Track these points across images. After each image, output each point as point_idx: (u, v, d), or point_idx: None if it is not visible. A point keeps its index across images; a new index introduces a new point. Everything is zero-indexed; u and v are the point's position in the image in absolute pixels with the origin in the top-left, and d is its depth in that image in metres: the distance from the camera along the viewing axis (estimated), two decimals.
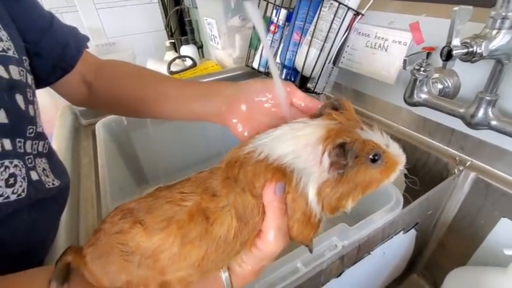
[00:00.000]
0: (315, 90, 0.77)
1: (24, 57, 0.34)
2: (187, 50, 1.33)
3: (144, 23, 1.73)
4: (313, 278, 0.39)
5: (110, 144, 0.74)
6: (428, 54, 0.53)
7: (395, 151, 0.27)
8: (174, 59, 1.12)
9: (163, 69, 1.17)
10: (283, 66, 0.83)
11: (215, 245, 0.25)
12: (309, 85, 0.80)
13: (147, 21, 1.73)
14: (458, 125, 0.58)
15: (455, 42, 0.40)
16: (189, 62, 1.18)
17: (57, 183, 0.36)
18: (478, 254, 0.61)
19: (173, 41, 1.36)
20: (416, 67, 0.52)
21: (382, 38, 0.66)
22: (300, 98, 0.37)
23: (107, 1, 1.59)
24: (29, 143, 0.32)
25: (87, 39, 0.47)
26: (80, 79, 0.46)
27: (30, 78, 0.34)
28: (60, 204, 0.39)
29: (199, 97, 0.43)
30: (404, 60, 0.51)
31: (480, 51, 0.39)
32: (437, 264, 0.72)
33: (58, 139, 0.67)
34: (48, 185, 0.34)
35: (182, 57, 1.17)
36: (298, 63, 0.77)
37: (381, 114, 0.75)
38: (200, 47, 1.55)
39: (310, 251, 0.33)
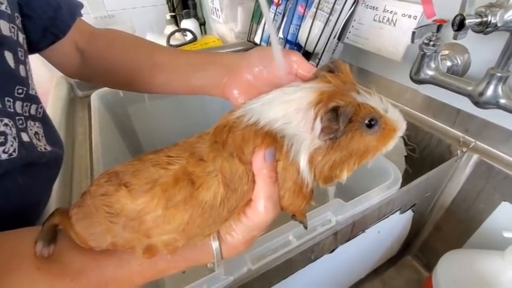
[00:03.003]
0: (318, 67, 0.74)
1: (16, 14, 0.32)
2: (188, 24, 1.28)
3: None
4: (305, 251, 0.39)
5: (105, 115, 0.73)
6: (439, 28, 0.50)
7: (394, 116, 0.26)
8: (173, 32, 1.08)
9: (162, 43, 1.13)
10: (286, 41, 0.80)
11: (200, 210, 0.24)
12: (311, 61, 0.77)
13: None
14: (464, 105, 0.56)
15: (469, 10, 0.37)
16: (189, 37, 1.14)
17: (49, 148, 0.35)
18: (474, 238, 0.61)
19: (174, 14, 1.31)
20: (425, 41, 0.49)
21: (391, 12, 0.62)
22: (306, 69, 0.34)
23: None
24: (18, 103, 0.31)
25: (81, 5, 0.44)
26: (72, 47, 0.44)
27: (22, 37, 0.33)
28: (53, 172, 0.38)
29: (197, 67, 0.41)
30: (413, 33, 0.48)
31: (495, 21, 0.37)
32: (432, 247, 0.71)
33: (52, 109, 0.66)
34: (40, 149, 0.33)
35: (182, 31, 1.13)
36: (302, 38, 0.74)
37: (385, 94, 0.73)
38: (203, 24, 1.50)
39: (305, 227, 0.32)
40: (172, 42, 1.13)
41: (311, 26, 0.69)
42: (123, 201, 0.24)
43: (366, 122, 0.24)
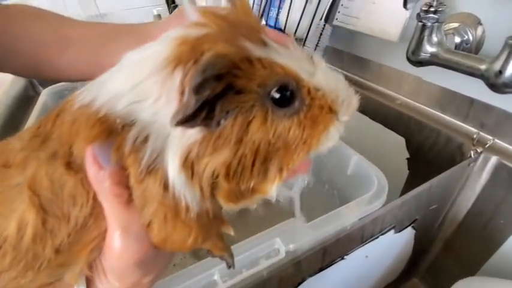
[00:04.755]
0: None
1: None
2: None
3: None
4: None
5: None
6: None
7: (329, 82, 0.15)
8: None
9: None
10: (267, 25, 0.70)
11: None
12: None
13: None
14: (479, 93, 0.44)
15: None
16: None
17: None
18: (494, 260, 0.48)
19: (160, 8, 1.24)
20: (424, 8, 0.38)
21: None
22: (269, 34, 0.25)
23: None
24: None
25: None
26: None
27: None
28: None
29: (109, 37, 0.33)
30: None
31: None
32: (442, 269, 0.59)
33: None
34: None
35: None
36: (281, 20, 0.63)
37: (383, 84, 0.61)
38: None
39: (228, 265, 0.22)
40: None
41: (290, 5, 0.58)
42: None
43: (273, 93, 0.14)
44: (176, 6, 1.64)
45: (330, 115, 0.15)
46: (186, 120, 0.13)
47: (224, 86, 0.13)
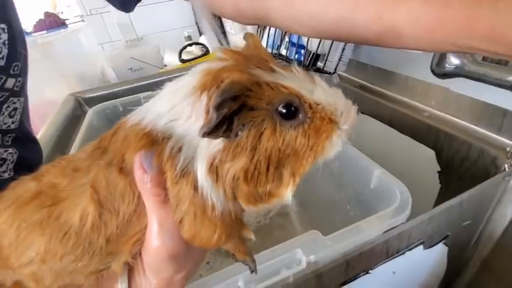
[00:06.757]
0: (325, 68, 0.64)
1: None
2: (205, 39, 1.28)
3: (178, 18, 1.68)
4: None
5: (103, 132, 0.71)
6: None
7: (327, 98, 0.18)
8: (184, 47, 1.07)
9: (175, 59, 1.13)
10: (291, 43, 0.72)
11: (61, 235, 0.18)
12: (319, 63, 0.68)
13: (181, 17, 1.69)
14: None
15: None
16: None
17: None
18: None
19: (191, 30, 1.32)
20: None
21: None
22: None
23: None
24: None
25: None
26: None
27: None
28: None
29: None
30: None
31: None
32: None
33: (50, 124, 0.66)
34: None
35: (194, 44, 1.12)
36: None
37: (409, 95, 0.60)
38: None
39: (251, 269, 0.24)
40: (186, 56, 1.12)
41: None
42: None
43: (280, 109, 0.17)
44: None
45: (331, 125, 0.18)
46: (210, 132, 0.16)
47: (239, 105, 0.16)
